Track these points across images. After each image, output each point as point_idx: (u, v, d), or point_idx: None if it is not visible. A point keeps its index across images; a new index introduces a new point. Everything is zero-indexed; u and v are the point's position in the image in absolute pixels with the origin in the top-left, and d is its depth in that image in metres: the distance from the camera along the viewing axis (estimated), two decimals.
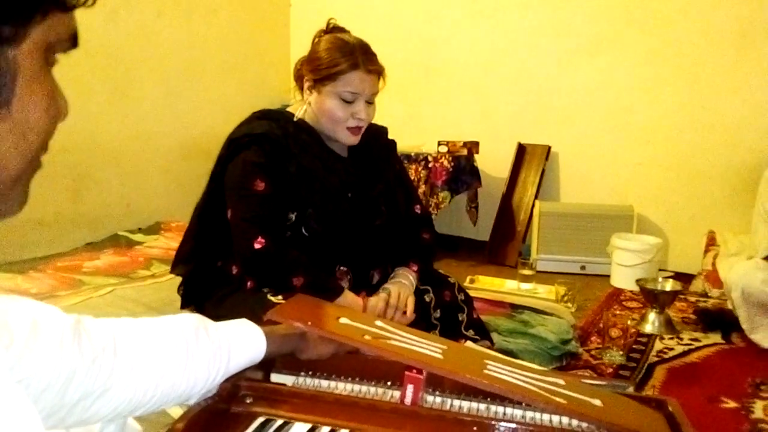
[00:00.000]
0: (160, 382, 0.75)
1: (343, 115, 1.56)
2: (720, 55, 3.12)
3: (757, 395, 1.84)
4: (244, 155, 1.54)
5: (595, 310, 2.65)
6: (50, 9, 0.46)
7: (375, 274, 1.70)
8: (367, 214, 1.67)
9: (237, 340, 0.85)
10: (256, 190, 1.51)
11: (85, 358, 0.68)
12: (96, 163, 3.11)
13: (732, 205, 3.13)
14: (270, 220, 1.51)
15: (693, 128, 3.23)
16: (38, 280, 2.35)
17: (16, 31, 0.44)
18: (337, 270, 1.62)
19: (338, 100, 1.55)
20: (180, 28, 3.54)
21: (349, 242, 1.63)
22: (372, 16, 3.97)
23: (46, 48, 0.48)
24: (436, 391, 0.89)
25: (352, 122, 1.57)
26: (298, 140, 1.58)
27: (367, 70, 1.55)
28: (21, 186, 0.50)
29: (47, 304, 0.69)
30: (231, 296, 1.57)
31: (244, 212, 1.52)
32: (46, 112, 0.49)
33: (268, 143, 1.54)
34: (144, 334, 0.77)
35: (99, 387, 0.69)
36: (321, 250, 1.59)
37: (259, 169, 1.52)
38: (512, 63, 3.67)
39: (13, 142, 0.46)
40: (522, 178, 3.63)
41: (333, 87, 1.55)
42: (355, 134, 1.60)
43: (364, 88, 1.56)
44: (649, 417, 0.88)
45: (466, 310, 1.75)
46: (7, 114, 0.45)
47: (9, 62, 0.44)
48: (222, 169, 1.59)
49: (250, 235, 1.48)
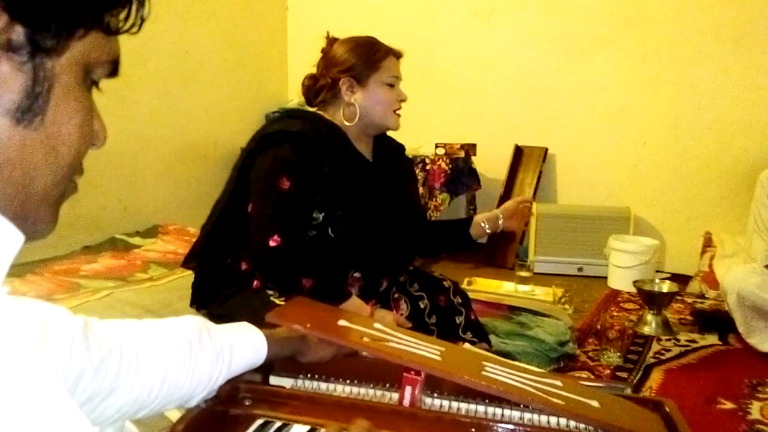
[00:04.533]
0: (164, 382, 0.76)
1: (393, 99, 1.65)
2: (715, 57, 3.14)
3: (754, 396, 1.84)
4: (276, 151, 1.53)
5: (593, 312, 2.65)
6: (93, 27, 0.47)
7: (384, 282, 1.70)
8: (392, 221, 1.68)
9: (239, 343, 0.85)
10: (281, 188, 1.50)
11: (93, 358, 0.68)
12: (93, 167, 3.08)
13: (728, 207, 3.14)
14: (289, 220, 1.51)
15: (689, 130, 3.24)
16: (35, 284, 2.35)
17: (58, 42, 0.45)
18: (350, 276, 1.62)
19: (386, 87, 1.64)
20: (176, 31, 3.54)
21: (370, 247, 1.63)
22: (368, 18, 3.97)
23: (85, 66, 0.48)
24: (434, 392, 0.90)
25: (397, 105, 1.67)
26: (331, 142, 1.59)
27: (395, 55, 1.67)
28: (50, 206, 0.49)
29: (56, 306, 0.69)
30: (235, 296, 1.57)
31: (265, 208, 1.51)
32: (79, 128, 0.49)
33: (302, 143, 1.53)
34: (148, 336, 0.78)
35: (106, 388, 0.70)
36: (341, 253, 1.59)
37: (288, 167, 1.51)
38: (509, 65, 3.68)
39: (44, 155, 0.46)
40: (519, 180, 3.63)
41: (378, 76, 1.63)
42: (398, 117, 1.69)
43: (399, 71, 1.68)
44: (647, 418, 0.89)
45: (464, 313, 1.76)
46: (40, 124, 0.45)
47: (47, 72, 0.45)
48: (251, 162, 1.57)
49: (267, 232, 1.48)
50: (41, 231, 0.50)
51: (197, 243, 1.70)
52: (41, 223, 0.49)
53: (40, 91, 0.45)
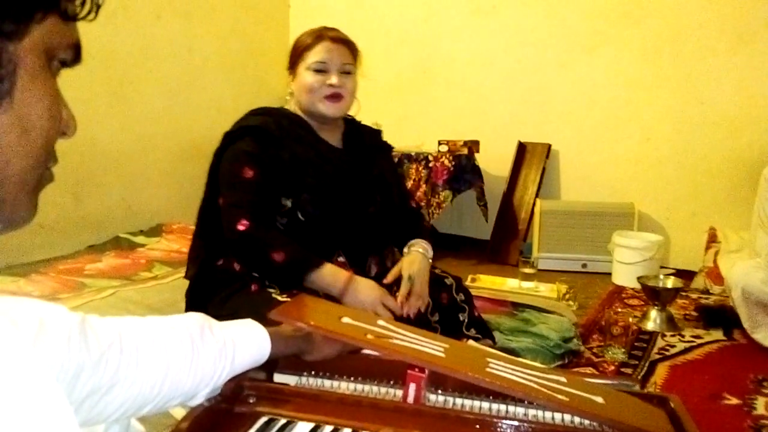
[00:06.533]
0: (165, 377, 0.76)
1: (315, 83, 1.64)
2: (718, 52, 3.12)
3: (759, 391, 1.84)
4: (237, 145, 1.61)
5: (597, 308, 2.65)
6: (50, 12, 0.48)
7: (372, 265, 1.72)
8: (362, 200, 1.71)
9: (242, 340, 0.85)
10: (245, 177, 1.57)
11: (92, 353, 0.69)
12: (97, 166, 3.11)
13: (732, 202, 3.13)
14: (255, 205, 1.57)
15: (692, 125, 3.23)
16: (40, 283, 2.36)
17: (18, 27, 0.46)
18: (335, 261, 1.64)
19: (310, 72, 1.65)
20: (179, 30, 3.54)
21: (345, 228, 1.67)
22: (370, 15, 3.97)
23: (47, 51, 0.49)
24: (438, 389, 0.90)
25: (326, 90, 1.64)
26: (291, 132, 1.66)
27: (330, 39, 1.65)
28: (28, 193, 0.50)
29: (54, 304, 0.70)
30: (234, 296, 1.58)
31: (232, 197, 1.58)
32: (48, 111, 0.50)
33: (262, 134, 1.61)
34: (149, 331, 0.78)
35: (106, 383, 0.70)
36: (318, 237, 1.63)
37: (249, 157, 1.58)
38: (511, 61, 3.68)
39: (16, 137, 0.48)
40: (523, 177, 3.63)
41: (304, 63, 1.66)
42: (333, 102, 1.66)
43: (332, 57, 1.64)
44: (652, 414, 0.89)
45: (467, 310, 1.76)
46: (9, 105, 0.47)
47: (10, 56, 0.46)
48: (217, 161, 1.65)
49: (236, 218, 1.54)
50: (20, 218, 0.51)
51: (190, 251, 1.76)
52: (19, 209, 0.50)
53: (4, 74, 0.46)
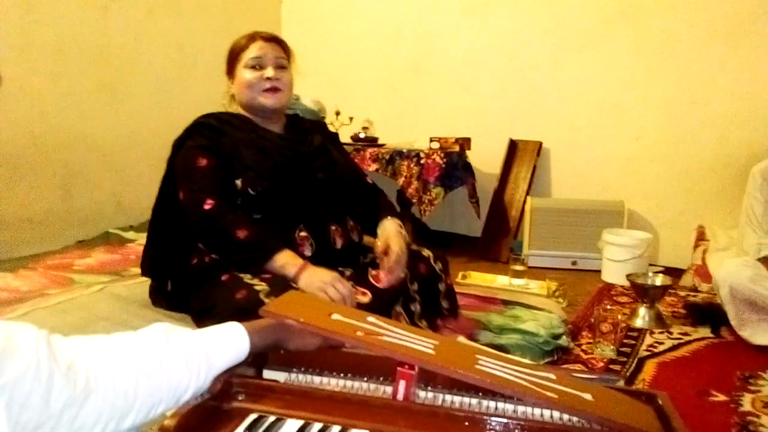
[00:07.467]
0: (138, 382, 0.77)
1: (254, 78, 1.77)
2: (709, 51, 3.14)
3: (746, 388, 1.85)
4: (185, 144, 1.75)
5: (586, 305, 2.66)
6: None
7: (337, 237, 1.77)
8: (307, 169, 1.79)
9: (216, 337, 0.87)
10: (200, 165, 1.67)
11: (60, 364, 0.71)
12: (86, 161, 3.09)
13: (721, 200, 3.15)
14: (216, 185, 1.65)
15: (683, 124, 3.25)
16: (29, 279, 2.34)
17: None
18: (298, 236, 1.69)
19: (248, 69, 1.78)
20: (171, 25, 3.52)
21: (298, 198, 1.73)
22: (362, 13, 3.96)
23: None
24: (428, 386, 0.90)
25: (265, 83, 1.77)
26: (232, 122, 1.79)
27: (263, 38, 1.80)
28: None
29: (20, 323, 0.72)
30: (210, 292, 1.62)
31: (192, 184, 1.66)
32: None
33: (204, 128, 1.75)
34: (111, 343, 0.80)
35: (80, 393, 0.71)
36: (276, 211, 1.69)
37: (200, 148, 1.70)
38: (503, 59, 3.68)
39: None
40: (514, 174, 3.64)
41: (240, 63, 1.80)
42: (273, 94, 1.78)
43: (266, 53, 1.78)
44: (640, 410, 0.89)
45: (443, 278, 1.87)
46: None
47: None
48: (170, 168, 1.77)
49: (200, 201, 1.61)
50: None
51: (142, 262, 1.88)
52: None
53: None
